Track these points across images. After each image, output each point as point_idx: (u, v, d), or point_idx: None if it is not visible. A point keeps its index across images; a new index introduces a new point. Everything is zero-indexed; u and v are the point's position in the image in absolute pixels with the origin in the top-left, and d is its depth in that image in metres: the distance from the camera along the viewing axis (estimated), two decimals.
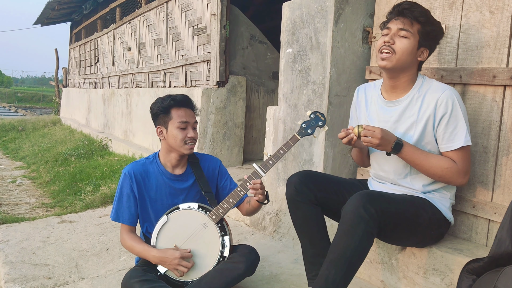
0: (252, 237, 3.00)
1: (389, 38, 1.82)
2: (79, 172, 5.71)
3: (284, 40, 2.96)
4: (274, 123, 3.08)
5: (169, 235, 2.05)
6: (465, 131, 1.78)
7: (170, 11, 5.73)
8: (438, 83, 1.88)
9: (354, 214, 1.63)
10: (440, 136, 1.83)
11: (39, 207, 4.72)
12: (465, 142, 1.78)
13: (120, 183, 2.12)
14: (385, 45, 1.83)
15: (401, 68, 1.86)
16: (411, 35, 1.81)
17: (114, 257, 2.77)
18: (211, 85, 4.53)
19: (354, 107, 2.18)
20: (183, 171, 2.19)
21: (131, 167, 2.12)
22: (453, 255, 1.88)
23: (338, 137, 1.91)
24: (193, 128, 2.13)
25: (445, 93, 1.80)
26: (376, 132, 1.76)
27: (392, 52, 1.82)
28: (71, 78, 12.90)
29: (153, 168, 2.16)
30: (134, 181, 2.10)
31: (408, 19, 1.82)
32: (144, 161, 2.17)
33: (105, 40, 9.05)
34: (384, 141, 1.77)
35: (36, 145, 8.88)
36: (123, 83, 7.82)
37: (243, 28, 4.66)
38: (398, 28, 1.82)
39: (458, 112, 1.79)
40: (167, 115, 2.12)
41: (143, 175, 2.13)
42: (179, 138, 2.07)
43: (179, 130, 2.08)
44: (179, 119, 2.09)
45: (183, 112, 2.11)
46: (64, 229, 3.36)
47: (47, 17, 12.56)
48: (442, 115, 1.80)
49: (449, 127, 1.80)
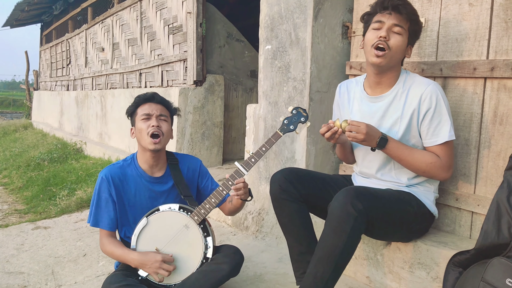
0: (234, 237, 2.95)
1: (385, 33, 1.77)
2: (53, 177, 5.54)
3: (263, 36, 2.92)
4: (255, 121, 3.04)
5: (149, 238, 1.98)
6: (449, 126, 1.78)
7: (144, 9, 5.62)
8: (422, 78, 1.87)
9: (341, 210, 1.60)
10: (425, 131, 1.82)
11: (12, 214, 4.54)
12: (449, 136, 1.78)
13: (97, 187, 2.03)
14: (381, 41, 1.77)
15: (392, 65, 1.84)
16: (404, 32, 1.79)
17: (92, 263, 2.68)
18: (188, 84, 4.45)
19: (337, 104, 2.15)
20: (162, 173, 2.12)
21: (108, 170, 2.04)
22: (438, 248, 1.88)
23: (319, 133, 1.87)
24: (160, 120, 2.04)
25: (428, 88, 1.79)
26: (361, 128, 1.74)
27: (388, 48, 1.77)
28: (43, 81, 12.57)
29: (131, 170, 2.08)
30: (112, 185, 2.02)
31: (402, 15, 1.78)
32: (121, 163, 2.09)
33: (77, 41, 8.84)
34: (369, 136, 1.75)
35: (7, 150, 8.60)
36: (97, 84, 7.64)
37: (220, 26, 4.60)
38: (392, 23, 1.78)
39: (442, 107, 1.78)
40: (134, 112, 2.09)
41: (121, 178, 2.05)
42: (143, 129, 2.01)
43: (142, 122, 2.03)
44: (141, 112, 2.04)
45: (147, 106, 2.06)
46: (39, 236, 3.24)
47: (16, 18, 12.21)
48: (426, 110, 1.79)
49: (433, 122, 1.79)
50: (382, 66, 1.81)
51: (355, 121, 1.77)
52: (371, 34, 1.82)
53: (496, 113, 1.91)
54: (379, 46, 1.77)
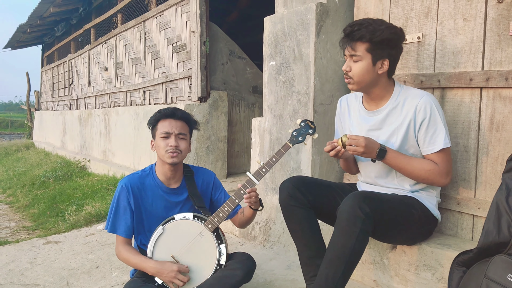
0: (242, 247, 3.03)
1: (345, 67, 1.94)
2: (59, 194, 5.62)
3: (267, 53, 3.05)
4: (260, 134, 3.14)
5: (165, 246, 2.07)
6: (444, 134, 1.88)
7: (147, 29, 5.77)
8: (416, 90, 1.97)
9: (350, 213, 1.70)
10: (421, 140, 1.92)
11: (20, 231, 4.61)
12: (444, 144, 1.88)
13: (116, 195, 2.13)
14: (345, 73, 1.95)
15: (368, 86, 1.95)
16: (361, 57, 1.89)
17: (106, 274, 2.75)
18: (193, 100, 4.57)
19: (338, 118, 2.27)
20: (179, 184, 2.22)
21: (128, 180, 2.14)
22: (442, 250, 1.97)
23: (324, 151, 1.97)
24: (179, 138, 2.14)
25: (423, 99, 1.90)
26: (360, 141, 1.85)
27: (350, 78, 1.93)
28: (44, 101, 12.71)
29: (149, 180, 2.18)
30: (131, 193, 2.12)
31: (353, 42, 1.89)
32: (140, 173, 2.20)
33: (79, 61, 9.00)
34: (368, 148, 1.86)
35: (11, 169, 8.68)
36: (100, 103, 7.77)
37: (222, 44, 4.75)
38: (349, 55, 1.93)
39: (437, 117, 1.89)
40: (155, 127, 2.19)
41: (139, 187, 2.15)
42: (161, 147, 2.12)
43: (161, 140, 2.13)
44: (161, 129, 2.14)
45: (167, 122, 2.16)
46: (51, 250, 3.31)
47: (18, 40, 12.41)
48: (422, 120, 1.89)
49: (429, 131, 1.89)
50: (356, 90, 1.98)
51: (354, 135, 1.88)
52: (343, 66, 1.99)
53: (492, 121, 2.02)
54: (346, 78, 1.96)
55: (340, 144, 1.91)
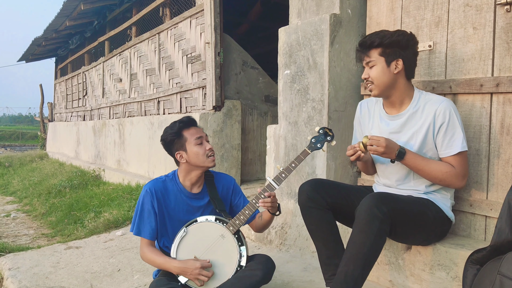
0: (259, 251, 3.10)
1: (364, 75, 2.11)
2: (75, 202, 5.75)
3: (282, 62, 3.16)
4: (275, 141, 3.24)
5: (188, 247, 2.16)
6: (462, 138, 1.97)
7: (162, 41, 5.93)
8: (436, 96, 2.08)
9: (368, 213, 1.78)
10: (440, 143, 2.01)
11: (40, 238, 4.73)
12: (461, 147, 1.97)
13: (141, 199, 2.23)
14: (366, 81, 2.12)
15: (387, 88, 2.08)
16: (376, 61, 2.06)
17: (128, 277, 2.84)
18: (208, 109, 4.69)
19: (358, 121, 2.36)
20: (200, 189, 2.31)
21: (152, 184, 2.24)
22: (456, 249, 2.03)
23: (347, 155, 2.08)
24: (207, 141, 2.28)
25: (442, 104, 2.00)
26: (381, 141, 1.95)
27: (371, 82, 2.08)
28: (57, 112, 12.94)
29: (172, 186, 2.28)
30: (155, 197, 2.21)
31: (366, 51, 2.08)
32: (164, 178, 2.29)
33: (93, 73, 9.19)
34: (389, 149, 1.95)
35: (26, 179, 8.85)
36: (114, 113, 7.93)
37: (235, 54, 4.88)
38: (366, 62, 2.10)
39: (455, 121, 1.98)
40: (180, 138, 2.24)
41: (163, 192, 2.24)
42: (201, 153, 2.21)
43: (198, 147, 2.21)
44: (193, 137, 2.23)
45: (194, 129, 2.26)
46: (72, 254, 3.41)
47: (32, 53, 12.69)
48: (441, 124, 1.99)
49: (447, 135, 1.99)
50: (378, 95, 2.11)
51: (375, 136, 1.98)
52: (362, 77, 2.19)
53: (503, 125, 2.10)
54: (367, 85, 2.13)
55: (362, 147, 2.00)
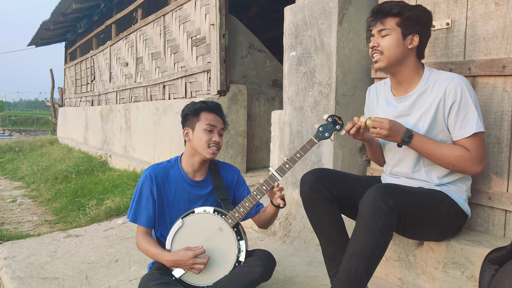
0: (262, 242, 2.97)
1: (373, 43, 1.89)
2: (80, 189, 5.67)
3: (287, 43, 2.97)
4: (280, 127, 3.07)
5: (184, 239, 2.02)
6: (476, 118, 1.77)
7: (167, 24, 5.75)
8: (446, 73, 1.87)
9: (373, 206, 1.62)
10: (452, 124, 1.82)
11: (43, 224, 4.66)
12: (476, 128, 1.77)
13: (140, 184, 2.09)
14: (373, 50, 1.90)
15: (396, 62, 1.88)
16: (391, 30, 1.85)
17: (124, 268, 2.73)
18: (212, 94, 4.52)
19: (367, 107, 2.20)
20: (203, 177, 2.18)
21: (152, 169, 2.11)
22: (473, 247, 1.86)
23: (345, 130, 1.92)
24: (219, 135, 2.13)
25: (453, 81, 1.80)
26: (384, 123, 1.77)
27: (380, 52, 1.87)
28: (67, 97, 12.90)
29: (173, 172, 2.14)
30: (155, 183, 2.08)
31: (381, 17, 1.87)
32: (165, 164, 2.16)
33: (101, 57, 9.07)
34: (393, 131, 1.78)
35: (35, 164, 8.83)
36: (121, 98, 7.81)
37: (242, 37, 4.68)
38: (377, 30, 1.88)
39: (468, 99, 1.78)
40: (196, 116, 2.13)
41: (163, 178, 2.11)
42: (204, 140, 2.07)
43: (205, 132, 2.08)
44: (206, 121, 2.10)
45: (212, 116, 2.13)
46: (71, 243, 3.31)
47: (41, 37, 12.61)
48: (452, 103, 1.79)
49: (460, 115, 1.79)
50: (384, 68, 1.90)
51: (378, 117, 1.81)
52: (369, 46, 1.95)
53: None
54: (373, 55, 1.91)
55: (363, 121, 1.86)
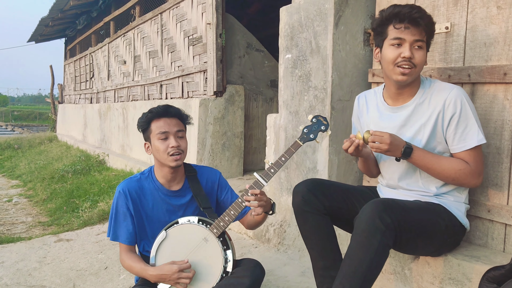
0: (256, 249, 2.89)
1: (408, 53, 1.70)
2: (76, 189, 5.60)
3: (283, 45, 2.88)
4: (275, 131, 2.99)
5: (168, 252, 1.94)
6: (477, 130, 1.70)
7: (164, 22, 5.67)
8: (444, 83, 1.80)
9: (369, 224, 1.54)
10: (451, 137, 1.74)
11: (36, 226, 4.60)
12: (478, 140, 1.70)
13: (115, 201, 2.01)
14: (406, 60, 1.71)
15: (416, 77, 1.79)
16: (424, 44, 1.74)
17: (113, 276, 2.66)
18: (209, 95, 4.44)
19: (356, 117, 2.09)
20: (180, 186, 2.08)
21: (125, 184, 2.01)
22: (470, 263, 1.78)
23: (343, 148, 1.82)
24: (177, 137, 1.98)
25: (452, 92, 1.72)
26: (385, 138, 1.68)
27: (413, 66, 1.72)
28: (67, 94, 12.83)
29: (148, 184, 2.04)
30: (130, 199, 1.98)
31: (420, 28, 1.71)
32: (139, 176, 2.06)
33: (100, 55, 8.99)
34: (393, 146, 1.69)
35: (33, 162, 8.77)
36: (119, 97, 7.74)
37: (239, 36, 4.60)
38: (414, 39, 1.71)
39: (468, 111, 1.71)
40: (148, 128, 2.00)
41: (138, 192, 2.01)
42: (161, 149, 1.94)
43: (160, 142, 1.95)
44: (157, 130, 1.96)
45: (162, 122, 1.98)
46: (61, 248, 3.25)
47: (41, 33, 12.53)
48: (451, 115, 1.72)
49: (460, 127, 1.72)
50: (409, 81, 1.77)
51: (378, 131, 1.71)
52: (392, 51, 1.74)
53: None
54: (404, 66, 1.71)
55: (360, 138, 1.76)
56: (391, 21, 1.74)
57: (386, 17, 1.76)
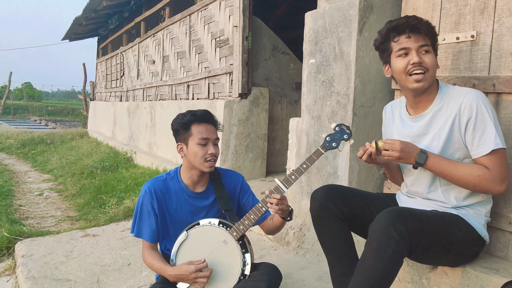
0: (275, 252, 2.92)
1: (417, 59, 1.72)
2: (104, 185, 5.75)
3: (307, 50, 2.90)
4: (297, 135, 3.01)
5: (188, 252, 2.00)
6: (494, 133, 1.66)
7: (193, 23, 5.75)
8: (461, 88, 1.79)
9: (383, 233, 1.54)
10: (470, 142, 1.72)
11: (65, 220, 4.75)
12: (495, 144, 1.65)
13: (140, 199, 2.08)
14: (417, 65, 1.73)
15: (431, 83, 1.79)
16: (430, 47, 1.76)
17: (136, 273, 2.74)
18: (234, 97, 4.49)
19: (384, 126, 2.12)
20: (204, 188, 2.13)
21: (151, 184, 2.08)
22: (489, 275, 1.76)
23: (357, 156, 1.85)
24: (214, 145, 2.05)
25: (467, 96, 1.70)
26: (395, 145, 1.70)
27: (425, 70, 1.73)
28: (98, 92, 13.15)
29: (173, 184, 2.11)
30: (155, 198, 2.05)
31: (421, 34, 1.74)
32: (165, 177, 2.13)
33: (130, 54, 9.19)
34: (405, 153, 1.70)
35: (64, 158, 9.03)
36: (147, 96, 7.90)
37: (266, 39, 4.63)
38: (419, 45, 1.73)
39: (484, 115, 1.67)
40: (187, 131, 2.05)
41: (163, 191, 2.08)
42: (200, 155, 2.01)
43: (199, 147, 2.01)
44: (199, 136, 2.02)
45: (204, 128, 2.04)
46: (87, 243, 3.36)
47: (74, 32, 12.88)
48: (468, 119, 1.69)
49: (477, 132, 1.69)
50: (425, 87, 1.77)
51: (389, 139, 1.74)
52: (400, 62, 1.76)
53: None
54: (416, 72, 1.73)
55: (373, 147, 1.79)
56: (391, 36, 1.79)
57: (386, 33, 1.81)
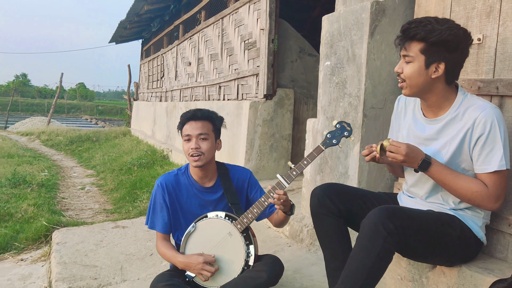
0: (289, 248, 3.02)
1: (397, 69, 1.81)
2: (139, 181, 6.04)
3: (323, 53, 2.98)
4: (313, 136, 3.09)
5: (196, 243, 2.14)
6: (501, 155, 1.68)
7: (225, 26, 5.93)
8: (480, 101, 1.77)
9: (371, 229, 1.62)
10: (476, 157, 1.74)
11: (101, 213, 5.05)
12: (499, 166, 1.68)
13: (154, 193, 2.25)
14: (398, 77, 1.82)
15: (422, 91, 1.79)
16: (414, 58, 1.74)
17: (156, 262, 2.92)
18: (259, 98, 4.62)
19: (395, 117, 2.12)
20: (213, 183, 2.27)
21: (163, 178, 2.25)
22: (483, 275, 1.79)
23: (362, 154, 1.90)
24: (200, 140, 2.17)
25: (484, 112, 1.70)
26: (401, 149, 1.72)
27: (403, 80, 1.80)
28: (141, 92, 13.67)
29: (184, 179, 2.26)
30: (166, 191, 2.22)
31: (407, 41, 1.76)
32: (176, 172, 2.29)
33: (169, 56, 9.52)
34: (410, 158, 1.72)
35: (106, 154, 9.49)
36: (183, 96, 8.17)
37: (292, 41, 4.72)
38: (402, 55, 1.79)
39: (496, 134, 1.68)
40: (181, 130, 2.25)
41: (174, 186, 2.24)
42: (185, 150, 2.20)
43: (184, 143, 2.20)
44: (183, 133, 2.21)
45: (188, 125, 2.20)
46: (117, 234, 3.58)
47: (120, 35, 13.46)
48: (479, 135, 1.71)
49: (485, 149, 1.70)
50: (408, 95, 1.83)
51: (396, 142, 1.75)
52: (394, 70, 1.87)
53: None
54: (399, 81, 1.82)
55: (378, 151, 1.82)
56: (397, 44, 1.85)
57: None
